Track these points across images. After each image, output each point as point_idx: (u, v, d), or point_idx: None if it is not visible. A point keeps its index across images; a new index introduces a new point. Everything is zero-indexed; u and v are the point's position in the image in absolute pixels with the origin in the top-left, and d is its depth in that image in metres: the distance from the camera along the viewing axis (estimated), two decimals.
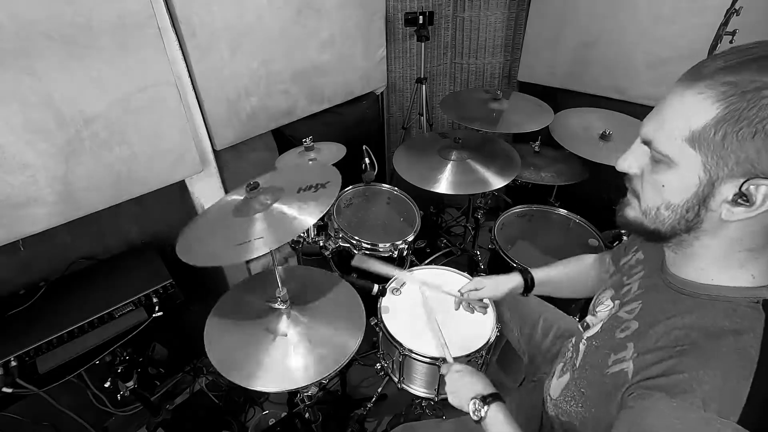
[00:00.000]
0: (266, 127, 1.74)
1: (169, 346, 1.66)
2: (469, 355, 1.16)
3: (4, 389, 1.06)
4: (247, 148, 1.75)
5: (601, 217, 1.65)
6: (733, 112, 0.46)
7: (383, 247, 1.57)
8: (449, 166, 1.66)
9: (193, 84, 1.43)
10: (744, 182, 0.48)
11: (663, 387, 0.53)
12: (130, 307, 1.24)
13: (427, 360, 1.16)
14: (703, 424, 0.48)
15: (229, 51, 1.47)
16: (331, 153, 1.61)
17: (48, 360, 1.15)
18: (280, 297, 1.07)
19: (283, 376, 0.99)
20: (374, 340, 1.71)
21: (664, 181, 0.55)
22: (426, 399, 1.29)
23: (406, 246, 1.60)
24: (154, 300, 1.27)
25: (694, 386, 0.50)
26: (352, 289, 1.23)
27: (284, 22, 1.61)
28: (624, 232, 1.51)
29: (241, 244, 0.95)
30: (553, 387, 0.82)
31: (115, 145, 1.24)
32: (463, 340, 1.16)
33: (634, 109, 1.92)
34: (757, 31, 1.52)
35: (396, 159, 1.73)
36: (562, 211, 1.81)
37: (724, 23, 1.40)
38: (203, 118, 1.50)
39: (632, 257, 0.81)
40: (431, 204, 2.53)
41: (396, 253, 1.58)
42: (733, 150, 0.47)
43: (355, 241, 1.57)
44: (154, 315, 1.26)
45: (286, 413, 1.61)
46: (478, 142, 1.80)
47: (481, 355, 1.21)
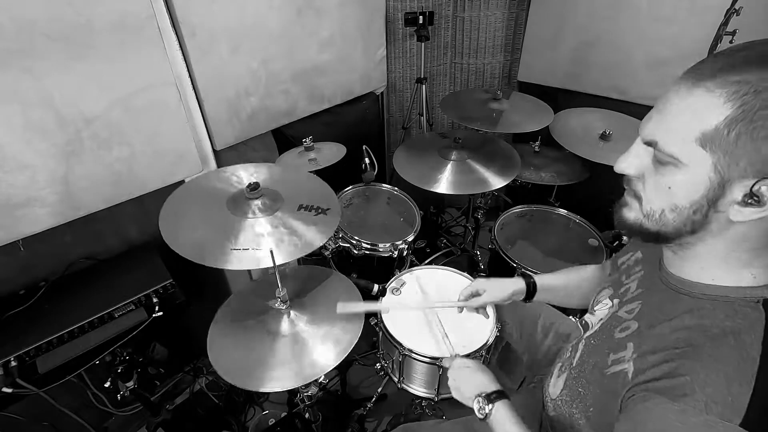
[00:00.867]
0: (266, 127, 1.74)
1: (169, 346, 1.66)
2: (468, 355, 1.16)
3: (4, 389, 1.06)
4: (247, 148, 1.75)
5: (601, 217, 1.66)
6: (746, 111, 0.45)
7: (383, 247, 1.57)
8: (449, 166, 1.66)
9: (193, 84, 1.43)
10: (756, 182, 0.47)
11: (664, 390, 0.52)
12: (130, 307, 1.24)
13: (427, 360, 1.17)
14: (705, 427, 0.47)
15: (229, 51, 1.47)
16: (331, 153, 1.61)
17: (48, 360, 1.15)
18: (280, 297, 1.07)
19: (285, 375, 1.00)
20: (374, 340, 1.71)
21: (671, 182, 0.53)
22: (426, 399, 1.30)
23: (406, 246, 1.60)
24: (154, 300, 1.27)
25: (696, 389, 0.49)
26: (351, 288, 1.23)
27: (284, 22, 1.61)
28: (624, 232, 1.51)
29: (236, 249, 0.95)
30: (552, 387, 0.82)
31: (115, 145, 1.24)
32: (463, 340, 1.16)
33: (634, 109, 1.92)
34: (757, 31, 1.52)
35: (396, 159, 1.73)
36: (562, 211, 1.82)
37: (724, 23, 1.40)
38: (203, 118, 1.50)
39: (630, 257, 0.81)
40: (431, 204, 2.53)
41: (396, 253, 1.58)
42: (746, 150, 0.46)
43: (355, 241, 1.57)
44: (154, 315, 1.26)
45: (286, 413, 1.61)
46: (478, 142, 1.80)
47: (481, 355, 1.21)
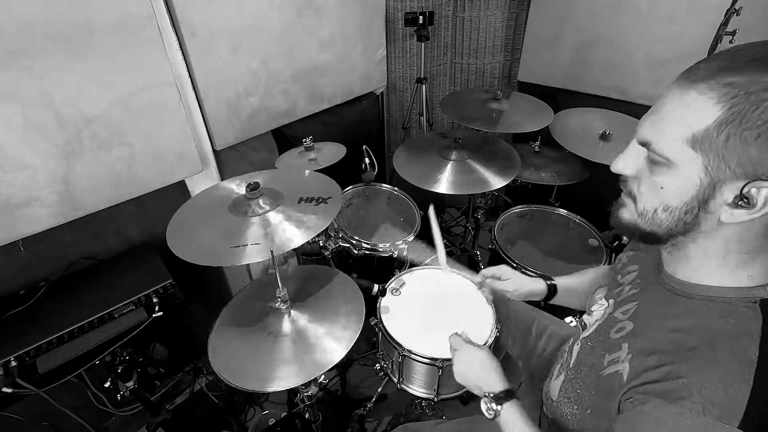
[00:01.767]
0: (266, 127, 1.74)
1: (169, 346, 1.66)
2: None
3: (4, 389, 1.06)
4: (247, 148, 1.75)
5: (601, 217, 1.65)
6: (736, 113, 0.45)
7: (383, 247, 1.57)
8: (449, 166, 1.66)
9: (193, 84, 1.43)
10: (745, 184, 0.47)
11: (661, 392, 0.52)
12: (130, 307, 1.24)
13: (426, 360, 1.16)
14: (703, 430, 0.47)
15: (229, 51, 1.47)
16: (331, 153, 1.61)
17: (48, 360, 1.15)
18: (280, 297, 1.07)
19: (286, 375, 0.99)
20: (374, 340, 1.71)
21: (663, 183, 0.54)
22: (426, 399, 1.29)
23: (406, 246, 1.60)
24: (154, 300, 1.27)
25: (693, 392, 0.49)
26: (352, 288, 1.22)
27: (284, 22, 1.61)
28: (619, 231, 1.51)
29: (236, 247, 0.95)
30: (552, 389, 0.82)
31: (115, 145, 1.24)
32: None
33: (634, 109, 1.92)
34: (757, 31, 1.52)
35: (396, 159, 1.73)
36: (562, 211, 1.81)
37: (724, 23, 1.40)
38: (203, 118, 1.50)
39: (625, 255, 0.81)
40: (431, 204, 2.53)
41: (396, 253, 1.58)
42: (736, 152, 0.46)
43: (355, 241, 1.58)
44: (154, 315, 1.26)
45: (286, 413, 1.61)
46: (478, 142, 1.81)
47: None
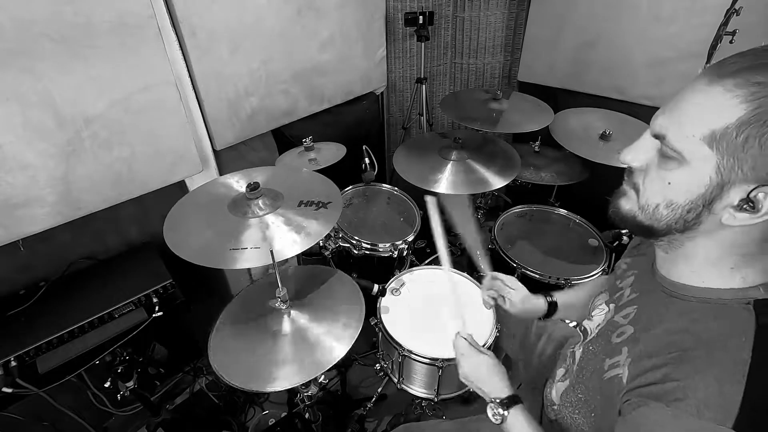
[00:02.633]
0: (266, 127, 1.74)
1: (169, 346, 1.66)
2: None
3: (4, 389, 1.06)
4: (247, 148, 1.75)
5: (601, 217, 1.65)
6: (761, 114, 0.44)
7: (383, 247, 1.57)
8: (449, 166, 1.66)
9: (193, 84, 1.43)
10: (754, 188, 0.46)
11: (658, 395, 0.52)
12: (130, 307, 1.24)
13: (427, 360, 1.17)
14: (699, 431, 0.47)
15: (229, 51, 1.47)
16: (331, 153, 1.61)
17: (48, 360, 1.15)
18: (280, 297, 1.07)
19: (286, 375, 0.99)
20: (374, 340, 1.71)
21: (671, 178, 0.53)
22: (426, 399, 1.29)
23: (406, 246, 1.60)
24: (154, 300, 1.27)
25: (688, 393, 0.49)
26: (352, 288, 1.22)
27: (284, 22, 1.61)
28: (624, 232, 1.51)
29: (235, 249, 0.95)
30: (554, 393, 0.82)
31: (115, 145, 1.24)
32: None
33: (634, 109, 1.92)
34: (757, 31, 1.52)
35: (396, 159, 1.73)
36: (562, 211, 1.81)
37: (724, 23, 1.40)
38: (203, 118, 1.50)
39: (623, 262, 0.81)
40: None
41: (396, 253, 1.58)
42: (752, 154, 0.45)
43: (355, 241, 1.58)
44: (154, 315, 1.26)
45: (286, 413, 1.61)
46: (478, 142, 1.80)
47: None
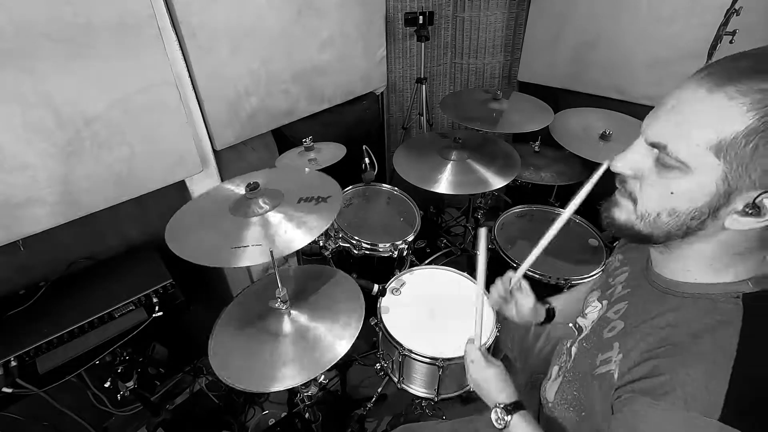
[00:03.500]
0: (266, 127, 1.74)
1: (169, 346, 1.66)
2: None
3: (4, 389, 1.06)
4: (247, 148, 1.75)
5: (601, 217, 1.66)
6: None
7: (383, 247, 1.57)
8: (449, 166, 1.66)
9: (193, 84, 1.43)
10: (760, 194, 0.46)
11: (647, 390, 0.52)
12: (130, 307, 1.24)
13: (427, 360, 1.17)
14: (687, 424, 0.48)
15: (229, 51, 1.47)
16: (331, 153, 1.61)
17: (48, 360, 1.15)
18: (280, 297, 1.07)
19: (286, 375, 0.99)
20: (374, 340, 1.71)
21: (674, 187, 0.51)
22: (426, 399, 1.30)
23: (406, 246, 1.60)
24: (154, 300, 1.27)
25: (676, 387, 0.49)
26: (352, 288, 1.22)
27: (284, 22, 1.61)
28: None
29: (237, 248, 0.95)
30: (549, 390, 0.82)
31: (115, 145, 1.24)
32: (463, 340, 1.16)
33: (634, 109, 1.92)
34: (757, 31, 1.52)
35: (396, 159, 1.73)
36: (563, 211, 1.81)
37: (724, 23, 1.40)
38: (203, 118, 1.50)
39: (615, 258, 0.81)
40: (431, 204, 2.53)
41: (396, 253, 1.58)
42: (761, 162, 0.45)
43: (355, 241, 1.58)
44: (154, 315, 1.26)
45: (286, 413, 1.61)
46: (478, 142, 1.80)
47: None
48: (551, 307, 1.03)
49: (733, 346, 0.49)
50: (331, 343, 1.05)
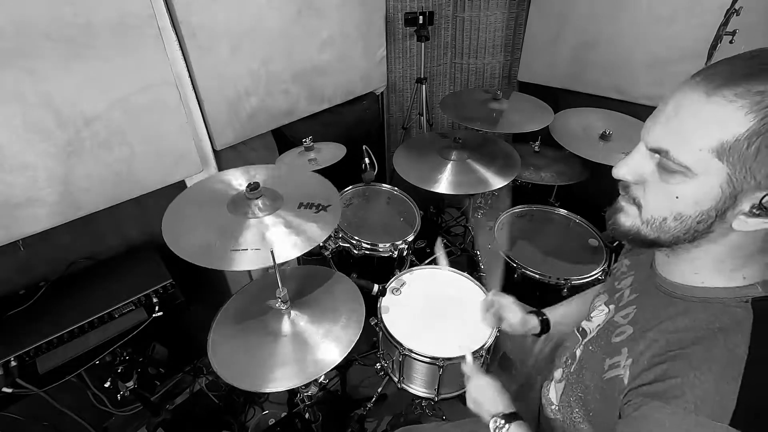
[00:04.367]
0: (266, 127, 1.74)
1: (169, 346, 1.66)
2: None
3: (4, 389, 1.06)
4: (247, 148, 1.75)
5: (601, 217, 1.66)
6: None
7: (383, 247, 1.57)
8: (449, 166, 1.66)
9: (193, 84, 1.43)
10: (766, 195, 0.46)
11: (657, 393, 0.52)
12: (130, 307, 1.24)
13: (427, 360, 1.17)
14: (696, 428, 0.47)
15: (229, 51, 1.47)
16: (331, 153, 1.61)
17: (48, 360, 1.15)
18: (280, 297, 1.07)
19: (286, 375, 0.99)
20: (374, 340, 1.71)
21: (679, 192, 0.51)
22: (426, 399, 1.29)
23: (406, 246, 1.60)
24: (154, 300, 1.27)
25: (685, 390, 0.49)
26: (352, 288, 1.22)
27: (284, 22, 1.61)
28: (617, 237, 1.50)
29: (235, 250, 0.95)
30: (552, 393, 0.82)
31: (115, 145, 1.24)
32: (464, 340, 1.16)
33: (634, 109, 1.92)
34: (757, 31, 1.52)
35: (396, 159, 1.73)
36: (562, 211, 1.81)
37: (724, 23, 1.40)
38: (203, 118, 1.50)
39: (622, 262, 0.81)
40: (431, 204, 2.53)
41: (396, 253, 1.58)
42: (764, 163, 0.45)
43: (355, 241, 1.57)
44: (154, 315, 1.26)
45: (286, 413, 1.61)
46: (478, 142, 1.80)
47: (481, 355, 1.21)
48: (545, 318, 1.03)
49: (744, 350, 0.49)
50: (332, 344, 1.05)
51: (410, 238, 1.61)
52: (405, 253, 1.63)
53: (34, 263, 1.30)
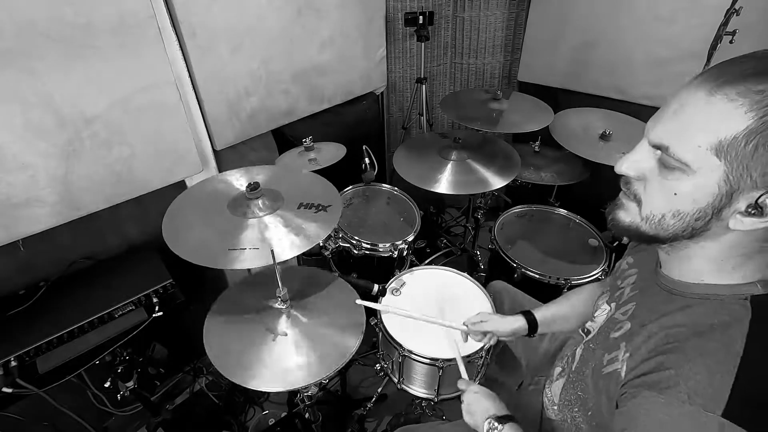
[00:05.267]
0: (266, 127, 1.74)
1: (169, 346, 1.66)
2: (469, 356, 1.16)
3: (4, 389, 1.06)
4: (247, 148, 1.75)
5: (601, 217, 1.65)
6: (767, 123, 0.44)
7: (383, 247, 1.57)
8: (449, 166, 1.66)
9: (193, 84, 1.43)
10: (762, 194, 0.47)
11: (651, 384, 0.53)
12: (130, 307, 1.24)
13: (427, 360, 1.16)
14: (689, 418, 0.48)
15: (229, 51, 1.47)
16: (331, 153, 1.61)
17: (48, 360, 1.15)
18: (280, 297, 1.07)
19: (284, 376, 0.99)
20: (374, 340, 1.71)
21: (677, 188, 0.52)
22: (426, 399, 1.29)
23: (406, 246, 1.60)
24: (154, 300, 1.26)
25: (679, 381, 0.50)
26: (352, 289, 1.23)
27: (284, 22, 1.61)
28: (616, 233, 1.51)
29: (234, 249, 0.95)
30: (553, 391, 0.82)
31: (115, 145, 1.24)
32: (460, 341, 1.16)
33: (634, 109, 1.92)
34: (757, 31, 1.52)
35: (396, 159, 1.73)
36: (562, 211, 1.82)
37: (724, 23, 1.40)
38: (203, 118, 1.50)
39: (624, 260, 0.82)
40: (431, 204, 2.53)
41: (396, 253, 1.58)
42: (761, 162, 0.46)
43: (355, 241, 1.57)
44: (154, 315, 1.26)
45: (286, 413, 1.61)
46: (478, 142, 1.80)
47: (481, 356, 1.21)
48: (532, 317, 1.04)
49: (740, 345, 0.50)
50: (332, 344, 1.05)
51: (410, 238, 1.61)
52: (405, 253, 1.63)
53: (34, 263, 1.30)
